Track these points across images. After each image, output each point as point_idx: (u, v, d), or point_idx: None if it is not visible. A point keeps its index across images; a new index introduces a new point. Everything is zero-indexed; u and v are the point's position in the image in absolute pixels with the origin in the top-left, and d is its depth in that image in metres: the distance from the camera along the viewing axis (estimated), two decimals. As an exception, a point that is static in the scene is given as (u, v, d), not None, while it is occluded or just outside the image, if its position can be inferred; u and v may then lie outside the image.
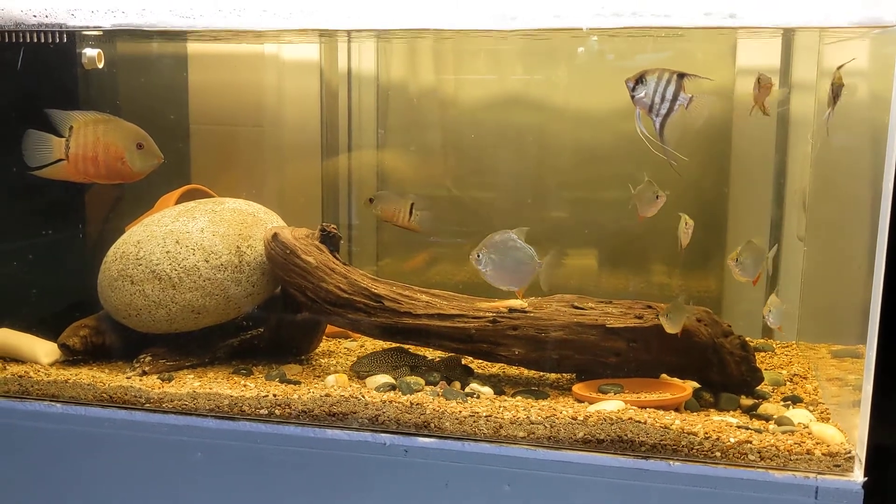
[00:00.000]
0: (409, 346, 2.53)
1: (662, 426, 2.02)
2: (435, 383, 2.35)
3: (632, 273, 2.97)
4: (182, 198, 2.80)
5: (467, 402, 2.20)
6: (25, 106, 2.54)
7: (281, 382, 2.38)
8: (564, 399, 2.27)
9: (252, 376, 2.45)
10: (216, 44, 3.01)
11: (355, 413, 2.18)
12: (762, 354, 2.67)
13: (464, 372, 2.46)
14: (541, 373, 2.48)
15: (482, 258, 2.29)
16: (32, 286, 2.76)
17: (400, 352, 2.50)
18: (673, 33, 2.24)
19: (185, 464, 2.23)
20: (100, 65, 2.64)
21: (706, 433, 2.00)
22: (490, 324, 2.37)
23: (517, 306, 2.39)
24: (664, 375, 2.35)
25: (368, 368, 2.45)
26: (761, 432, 2.03)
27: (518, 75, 3.01)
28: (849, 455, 1.92)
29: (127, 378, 2.39)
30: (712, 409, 2.24)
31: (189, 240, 2.49)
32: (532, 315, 2.37)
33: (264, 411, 2.23)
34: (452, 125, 3.07)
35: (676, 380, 2.34)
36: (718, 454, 1.98)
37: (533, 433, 2.08)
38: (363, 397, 2.20)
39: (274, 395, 2.25)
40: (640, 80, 2.02)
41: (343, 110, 3.13)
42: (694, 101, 2.01)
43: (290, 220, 2.69)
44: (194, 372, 2.48)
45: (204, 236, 2.50)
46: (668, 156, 2.04)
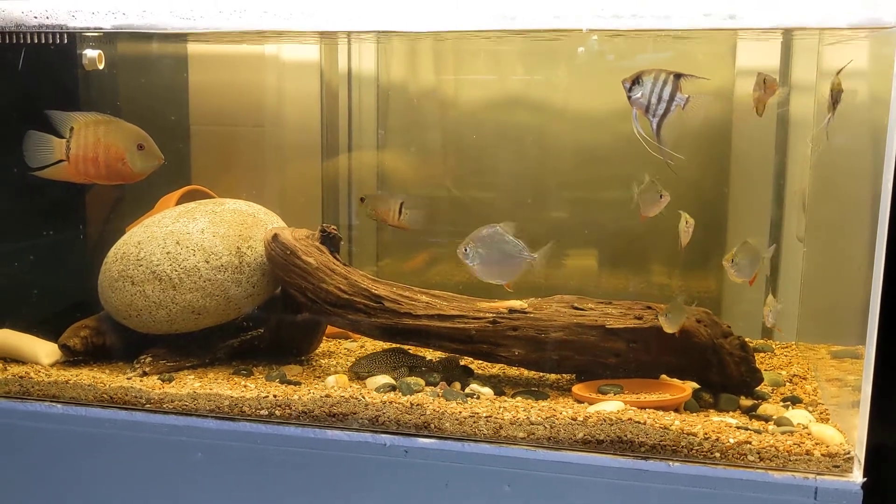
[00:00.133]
0: (409, 347, 2.53)
1: (662, 427, 2.02)
2: (435, 384, 2.35)
3: (632, 273, 2.97)
4: (182, 198, 2.80)
5: (467, 403, 2.20)
6: (26, 107, 2.55)
7: (281, 383, 2.38)
8: (564, 400, 2.27)
9: (252, 377, 2.45)
10: (216, 44, 3.01)
11: (355, 414, 2.19)
12: (762, 355, 2.67)
13: (462, 372, 2.46)
14: (541, 373, 2.49)
15: (469, 252, 2.29)
16: (33, 287, 2.76)
17: (399, 352, 2.51)
18: (673, 34, 2.24)
19: (186, 464, 2.23)
20: (100, 66, 2.64)
21: (706, 434, 2.01)
22: (490, 324, 2.38)
23: (517, 307, 2.39)
24: (664, 376, 2.35)
25: (367, 369, 2.45)
26: (761, 433, 2.03)
27: (518, 76, 3.01)
28: (848, 456, 1.92)
29: (127, 379, 2.40)
30: (712, 410, 2.24)
31: (189, 241, 2.49)
32: (532, 316, 2.37)
33: (264, 412, 2.23)
34: (452, 126, 3.07)
35: (676, 380, 2.34)
36: (718, 455, 1.98)
37: (533, 434, 2.08)
38: (363, 398, 2.20)
39: (274, 396, 2.25)
40: (637, 81, 2.02)
41: (343, 111, 3.13)
42: (691, 102, 2.01)
43: (291, 221, 2.69)
44: (195, 372, 2.49)
45: (204, 237, 2.50)
46: (665, 156, 2.04)
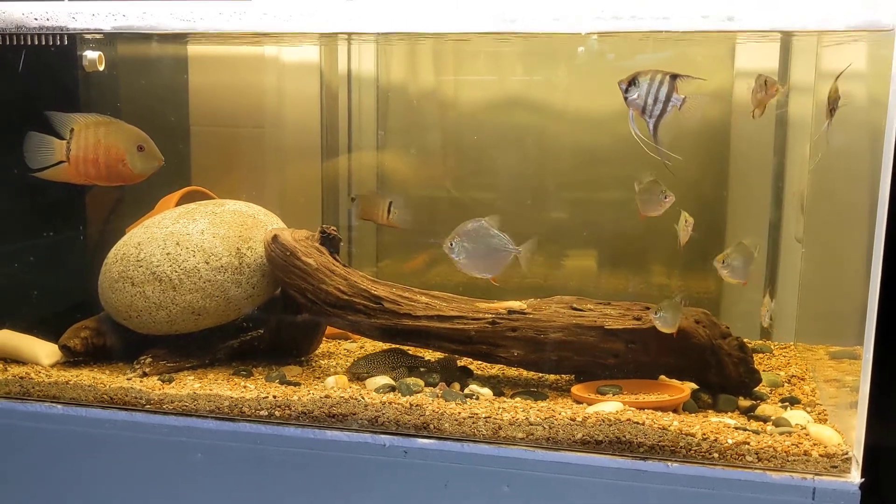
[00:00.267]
0: (408, 348, 2.53)
1: (661, 427, 2.03)
2: (434, 384, 2.35)
3: (631, 274, 2.98)
4: (182, 199, 2.81)
5: (466, 404, 2.21)
6: (27, 108, 2.55)
7: (281, 384, 2.39)
8: (563, 400, 2.27)
9: (252, 377, 2.46)
10: (217, 46, 3.02)
11: (355, 414, 2.19)
12: (760, 356, 2.67)
13: (461, 373, 2.47)
14: (540, 374, 2.49)
15: (455, 246, 2.28)
16: (33, 287, 2.76)
17: (397, 353, 2.51)
18: (672, 36, 2.24)
19: (186, 465, 2.23)
20: (100, 67, 2.64)
21: (704, 434, 2.01)
22: (489, 325, 2.38)
23: (516, 308, 2.39)
24: (663, 377, 2.36)
25: (366, 370, 2.45)
26: (759, 433, 2.04)
27: (518, 76, 3.01)
28: (846, 456, 1.93)
29: (127, 379, 2.40)
30: (710, 411, 2.24)
31: (189, 241, 2.50)
32: (531, 317, 2.37)
33: (264, 412, 2.24)
34: (452, 126, 3.08)
35: (675, 381, 2.34)
36: (716, 455, 1.98)
37: (532, 434, 2.09)
38: (363, 399, 2.21)
39: (274, 397, 2.25)
40: (633, 82, 2.02)
41: (343, 112, 3.13)
42: (687, 102, 2.01)
43: (291, 222, 2.69)
44: (195, 373, 2.49)
45: (204, 238, 2.51)
46: (663, 157, 2.04)
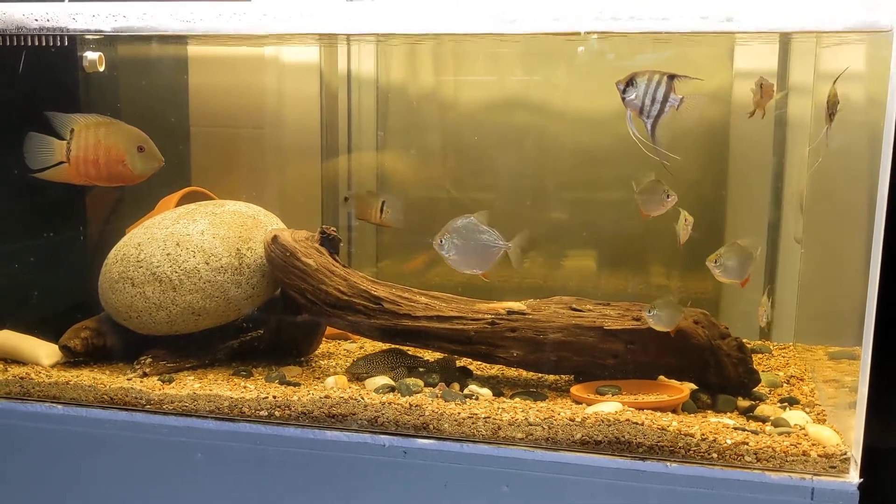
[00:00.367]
0: (407, 348, 2.54)
1: (660, 427, 2.03)
2: (434, 385, 2.35)
3: (630, 274, 2.98)
4: (182, 200, 2.81)
5: (466, 404, 2.21)
6: (27, 109, 2.55)
7: (281, 384, 2.39)
8: (562, 400, 2.28)
9: (252, 378, 2.46)
10: (217, 46, 3.02)
11: (355, 415, 2.19)
12: (759, 356, 2.67)
13: (461, 373, 2.47)
14: (539, 374, 2.49)
15: (445, 243, 2.28)
16: (33, 288, 2.77)
17: (396, 353, 2.51)
18: (671, 37, 2.25)
19: (186, 465, 2.24)
20: (101, 68, 2.64)
21: (703, 434, 2.02)
22: (489, 326, 2.38)
23: (516, 308, 2.40)
24: (662, 377, 2.36)
25: (365, 370, 2.46)
26: (758, 434, 2.04)
27: (517, 77, 3.02)
28: (844, 456, 1.93)
29: (128, 379, 2.40)
30: (709, 411, 2.25)
31: (189, 242, 2.50)
32: (530, 317, 2.38)
33: (264, 413, 2.24)
34: (452, 127, 3.08)
35: (674, 381, 2.35)
36: (715, 455, 1.99)
37: (531, 434, 2.09)
38: (362, 399, 2.21)
39: (274, 397, 2.26)
40: (631, 83, 2.03)
41: (343, 112, 3.13)
42: (685, 103, 2.02)
43: (290, 223, 2.69)
44: (194, 373, 2.49)
45: (204, 238, 2.51)
46: (660, 157, 2.05)
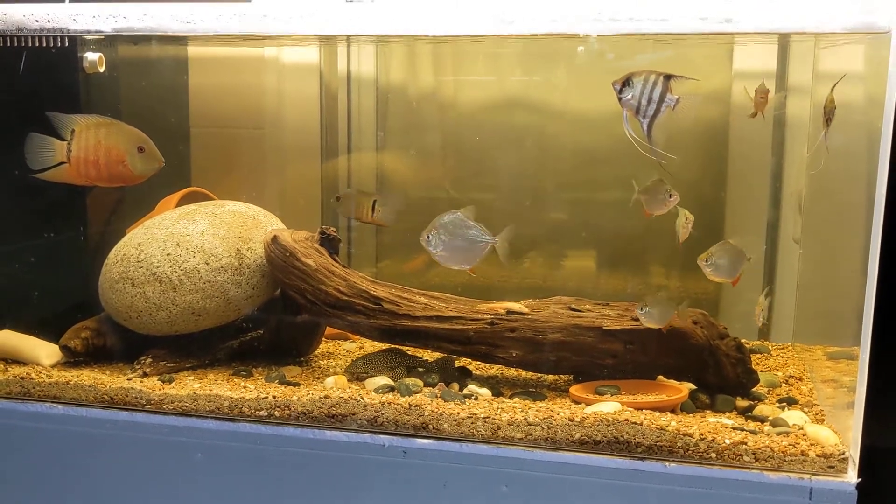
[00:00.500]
0: (407, 348, 2.54)
1: (659, 427, 2.04)
2: (433, 385, 2.36)
3: (630, 275, 2.98)
4: (182, 200, 2.81)
5: (465, 404, 2.21)
6: (27, 109, 2.56)
7: (280, 384, 2.40)
8: (562, 400, 2.28)
9: (252, 378, 2.47)
10: (217, 47, 3.03)
11: (354, 414, 2.20)
12: (758, 356, 2.68)
13: (460, 373, 2.48)
14: (538, 374, 2.50)
15: (432, 239, 2.28)
16: (34, 288, 2.77)
17: (396, 353, 2.51)
18: (670, 38, 2.25)
19: (186, 465, 2.24)
20: (101, 68, 2.65)
21: (702, 434, 2.02)
22: (488, 326, 2.39)
23: (516, 309, 2.40)
24: (661, 377, 2.37)
25: (364, 369, 2.46)
26: (756, 434, 2.05)
27: (517, 77, 3.02)
28: (843, 456, 1.94)
29: (128, 380, 2.41)
30: (708, 411, 2.25)
31: (189, 242, 2.50)
32: (529, 317, 2.38)
33: (264, 413, 2.25)
34: (451, 127, 3.08)
35: (673, 381, 2.35)
36: (714, 455, 1.99)
37: (530, 434, 2.10)
38: (362, 399, 2.22)
39: (273, 397, 2.26)
40: (627, 83, 2.03)
41: (343, 113, 3.14)
42: (681, 103, 2.02)
43: (290, 223, 2.70)
44: (195, 373, 2.50)
45: (204, 239, 2.52)
46: (657, 156, 2.05)
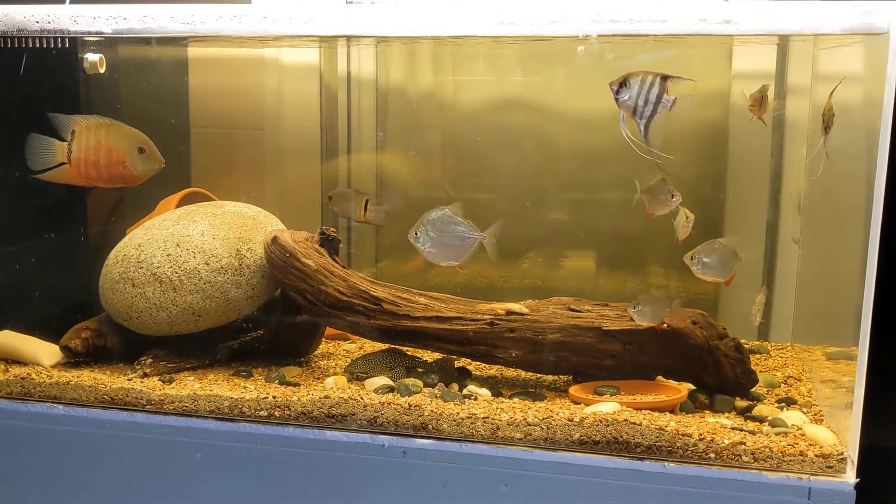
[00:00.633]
0: (406, 348, 2.54)
1: (658, 428, 2.04)
2: (433, 385, 2.36)
3: (629, 275, 2.99)
4: (183, 201, 2.82)
5: (465, 404, 2.22)
6: (28, 110, 2.56)
7: (280, 384, 2.40)
8: (561, 401, 2.29)
9: (252, 378, 2.47)
10: (217, 48, 3.03)
11: (354, 415, 2.20)
12: (757, 356, 2.68)
13: (459, 373, 2.48)
14: (538, 375, 2.50)
15: (420, 236, 2.28)
16: (34, 288, 2.77)
17: (395, 353, 2.52)
18: (669, 38, 2.26)
19: (186, 465, 2.25)
20: (101, 69, 2.65)
21: (701, 435, 2.03)
22: (488, 326, 2.39)
23: (516, 309, 2.40)
24: (660, 377, 2.37)
25: (363, 369, 2.47)
26: (755, 434, 2.05)
27: (517, 77, 3.02)
28: (841, 456, 1.94)
29: (128, 380, 2.41)
30: (707, 411, 2.26)
31: (190, 243, 2.51)
32: (529, 318, 2.38)
33: (264, 413, 2.25)
34: (451, 128, 3.09)
35: (672, 382, 2.35)
36: (713, 455, 2.00)
37: (530, 434, 2.10)
38: (362, 399, 2.22)
39: (273, 397, 2.27)
40: (624, 84, 2.04)
41: (342, 113, 3.14)
42: (678, 103, 2.03)
43: (290, 224, 2.70)
44: (195, 374, 2.50)
45: (204, 239, 2.52)
46: (654, 157, 2.06)
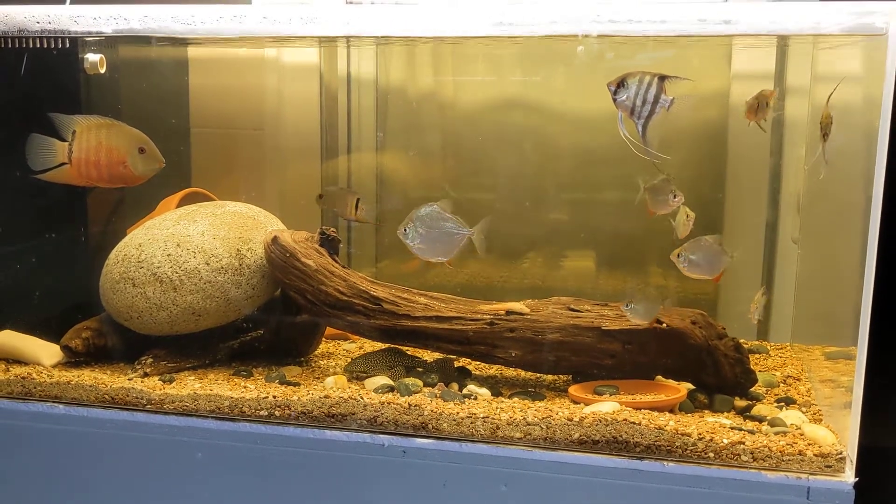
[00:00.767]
0: (406, 348, 2.55)
1: (657, 427, 2.05)
2: (433, 385, 2.37)
3: (629, 275, 2.99)
4: (183, 201, 2.82)
5: (465, 404, 2.22)
6: (29, 110, 2.57)
7: (281, 384, 2.40)
8: (561, 400, 2.29)
9: (252, 378, 2.47)
10: (217, 48, 3.04)
11: (354, 414, 2.21)
12: (756, 356, 2.68)
13: (458, 373, 2.48)
14: (537, 374, 2.50)
15: (409, 232, 2.29)
16: (35, 288, 2.78)
17: (394, 352, 2.52)
18: (669, 39, 2.26)
19: (186, 464, 2.25)
20: (102, 70, 2.66)
21: (700, 434, 2.03)
22: (487, 326, 2.40)
23: (517, 309, 2.41)
24: (659, 377, 2.38)
25: (363, 369, 2.47)
26: (754, 433, 2.06)
27: (517, 77, 3.03)
28: (840, 456, 1.94)
29: (128, 379, 2.42)
30: (706, 411, 2.26)
31: (190, 243, 2.51)
32: (529, 317, 2.39)
33: (264, 412, 2.26)
34: (451, 128, 3.09)
35: (671, 381, 2.36)
36: (712, 455, 2.00)
37: (529, 434, 2.11)
38: (362, 399, 2.22)
39: (274, 397, 2.27)
40: (622, 84, 2.04)
41: (342, 113, 3.14)
42: (675, 103, 2.03)
43: (290, 224, 2.71)
44: (195, 373, 2.50)
45: (205, 239, 2.52)
46: (651, 157, 2.06)
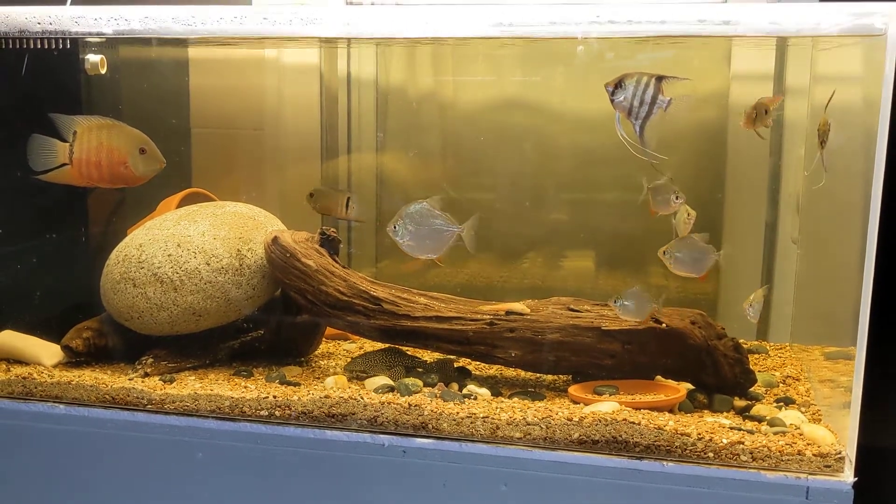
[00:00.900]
0: (406, 348, 2.55)
1: (656, 427, 2.05)
2: (433, 385, 2.37)
3: (628, 275, 2.99)
4: (183, 201, 2.83)
5: (465, 404, 2.23)
6: (29, 111, 2.57)
7: (281, 384, 2.41)
8: (560, 400, 2.29)
9: (252, 378, 2.48)
10: (217, 49, 3.04)
11: (354, 414, 2.21)
12: (756, 356, 2.69)
13: (458, 373, 2.49)
14: (537, 374, 2.51)
15: (398, 229, 2.29)
16: (35, 288, 2.78)
17: (394, 352, 2.52)
18: (668, 39, 2.27)
19: (187, 464, 2.25)
20: (102, 70, 2.66)
21: (699, 434, 2.03)
22: (487, 326, 2.40)
23: (517, 309, 2.41)
24: (659, 377, 2.38)
25: (363, 368, 2.47)
26: (754, 433, 2.06)
27: (517, 78, 3.03)
28: (839, 456, 1.95)
29: (129, 379, 2.42)
30: (706, 411, 2.26)
31: (190, 243, 2.52)
32: (528, 317, 2.39)
33: (264, 412, 2.26)
34: (451, 128, 3.09)
35: (671, 381, 2.36)
36: (711, 455, 2.01)
37: (529, 434, 2.11)
38: (362, 399, 2.23)
39: (274, 397, 2.27)
40: (620, 85, 2.05)
41: (343, 114, 3.15)
42: (673, 104, 2.04)
43: (291, 224, 2.71)
44: (195, 373, 2.51)
45: (205, 240, 2.53)
46: (649, 157, 2.07)
